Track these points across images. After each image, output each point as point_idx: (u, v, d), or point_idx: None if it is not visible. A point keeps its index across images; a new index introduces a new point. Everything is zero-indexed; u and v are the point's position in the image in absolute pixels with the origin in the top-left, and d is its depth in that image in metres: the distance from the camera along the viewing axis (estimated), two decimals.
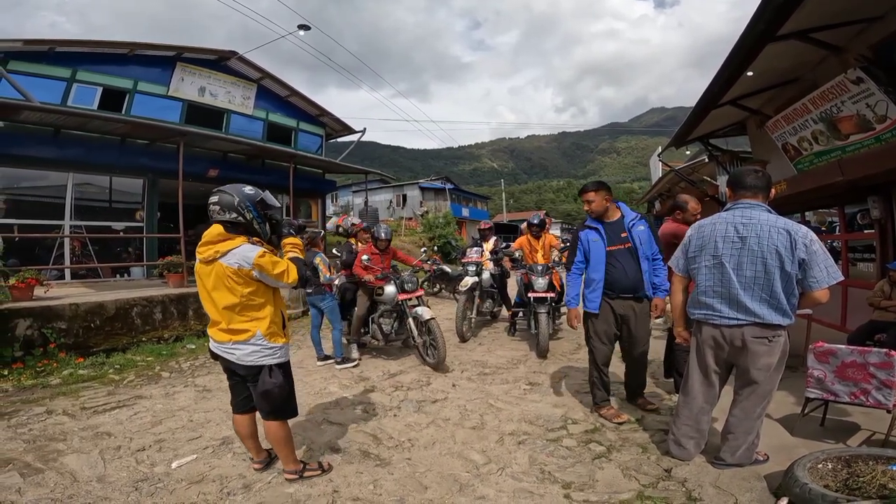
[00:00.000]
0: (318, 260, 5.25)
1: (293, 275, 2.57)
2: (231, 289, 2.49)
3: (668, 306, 4.56)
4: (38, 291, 6.18)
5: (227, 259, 2.46)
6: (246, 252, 2.46)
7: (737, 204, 2.67)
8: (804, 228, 2.49)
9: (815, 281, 2.41)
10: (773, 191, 2.71)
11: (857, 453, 2.42)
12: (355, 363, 5.40)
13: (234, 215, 2.51)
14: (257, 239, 2.59)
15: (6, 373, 4.95)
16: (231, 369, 2.69)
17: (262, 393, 2.61)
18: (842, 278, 2.46)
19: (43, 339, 5.44)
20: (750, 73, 5.51)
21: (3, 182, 8.69)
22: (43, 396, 4.43)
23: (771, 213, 2.58)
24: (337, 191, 27.79)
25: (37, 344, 5.39)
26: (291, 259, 2.64)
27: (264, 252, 2.50)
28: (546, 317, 5.60)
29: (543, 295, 5.72)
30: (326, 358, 5.54)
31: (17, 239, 8.27)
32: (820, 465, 2.36)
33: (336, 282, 5.79)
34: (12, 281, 5.81)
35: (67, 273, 8.92)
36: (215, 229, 2.52)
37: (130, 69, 10.22)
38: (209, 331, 2.67)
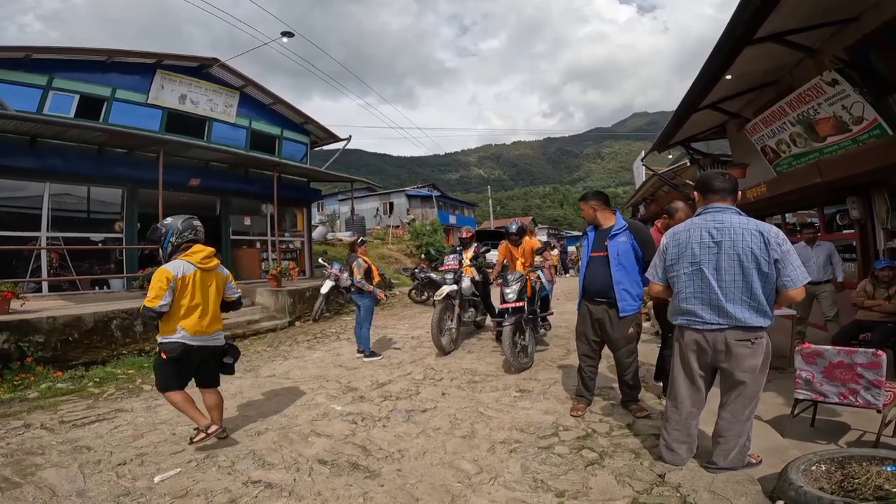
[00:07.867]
0: (354, 265, 6.03)
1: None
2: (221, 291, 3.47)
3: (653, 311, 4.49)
4: (15, 305, 6.00)
5: (222, 269, 3.46)
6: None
7: (708, 208, 2.70)
8: (775, 229, 2.54)
9: (790, 280, 2.46)
10: (739, 193, 2.76)
11: (851, 454, 2.42)
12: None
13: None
14: None
15: None
16: (204, 356, 3.37)
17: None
18: (810, 278, 2.54)
19: (20, 353, 5.28)
20: (728, 77, 5.58)
21: None
22: (20, 410, 4.30)
23: (742, 215, 2.62)
24: (323, 199, 27.59)
25: (14, 357, 5.22)
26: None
27: None
28: (510, 329, 4.96)
29: (512, 305, 5.11)
30: (373, 354, 6.09)
31: None
32: (814, 468, 2.35)
33: (368, 288, 6.08)
34: None
35: (45, 286, 8.67)
36: (209, 249, 3.35)
37: (109, 77, 10.02)
38: (198, 326, 3.25)
